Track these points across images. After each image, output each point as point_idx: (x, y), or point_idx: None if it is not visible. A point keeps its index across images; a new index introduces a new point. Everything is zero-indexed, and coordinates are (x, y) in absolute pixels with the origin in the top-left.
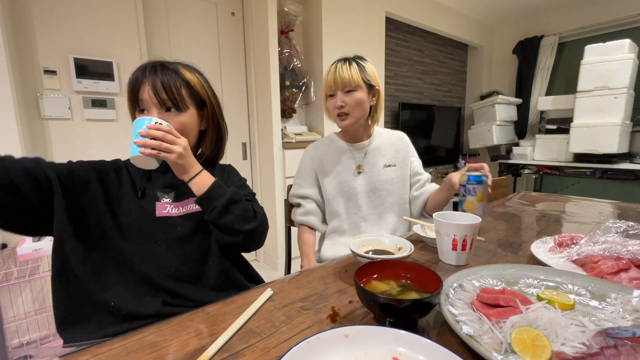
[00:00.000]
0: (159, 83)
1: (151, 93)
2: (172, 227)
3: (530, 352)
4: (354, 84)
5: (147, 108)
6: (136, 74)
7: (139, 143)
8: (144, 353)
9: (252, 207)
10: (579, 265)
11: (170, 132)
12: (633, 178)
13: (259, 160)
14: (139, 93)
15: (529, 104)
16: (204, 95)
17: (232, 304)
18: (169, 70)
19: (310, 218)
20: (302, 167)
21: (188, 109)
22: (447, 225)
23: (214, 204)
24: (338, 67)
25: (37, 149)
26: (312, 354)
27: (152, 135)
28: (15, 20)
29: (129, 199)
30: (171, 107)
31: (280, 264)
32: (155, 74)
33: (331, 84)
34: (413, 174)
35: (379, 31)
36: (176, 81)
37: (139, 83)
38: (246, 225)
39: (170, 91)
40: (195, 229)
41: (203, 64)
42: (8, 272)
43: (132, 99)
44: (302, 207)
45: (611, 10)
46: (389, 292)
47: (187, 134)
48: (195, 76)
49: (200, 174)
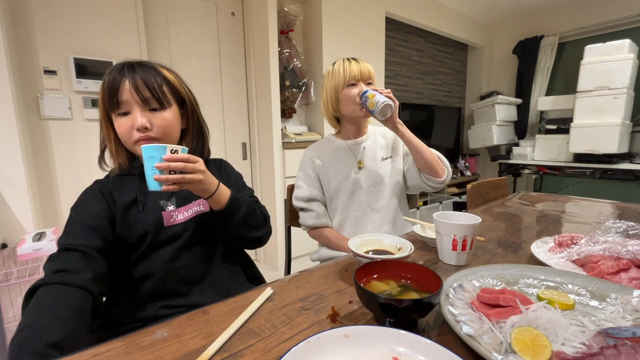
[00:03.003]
0: (140, 80)
1: (133, 92)
2: (181, 233)
3: (530, 352)
4: (373, 80)
5: (129, 109)
6: (112, 75)
7: (160, 179)
8: (144, 353)
9: (262, 213)
10: (579, 265)
11: (189, 159)
12: (633, 178)
13: (259, 160)
14: (118, 94)
15: (529, 104)
16: (183, 93)
17: (232, 304)
18: (147, 68)
19: (324, 220)
20: (303, 169)
21: (171, 106)
22: (447, 225)
23: (232, 218)
24: (359, 62)
25: (37, 149)
26: (312, 354)
27: (171, 168)
28: (15, 20)
29: (134, 216)
30: (156, 107)
31: (280, 264)
32: (134, 72)
33: (356, 74)
34: (405, 154)
35: (379, 31)
36: (156, 78)
37: (118, 83)
38: (259, 232)
39: (152, 88)
40: (202, 231)
41: (203, 64)
42: (8, 272)
43: (109, 101)
44: (312, 212)
45: (611, 10)
46: (389, 292)
47: (171, 132)
48: (172, 75)
49: (218, 190)
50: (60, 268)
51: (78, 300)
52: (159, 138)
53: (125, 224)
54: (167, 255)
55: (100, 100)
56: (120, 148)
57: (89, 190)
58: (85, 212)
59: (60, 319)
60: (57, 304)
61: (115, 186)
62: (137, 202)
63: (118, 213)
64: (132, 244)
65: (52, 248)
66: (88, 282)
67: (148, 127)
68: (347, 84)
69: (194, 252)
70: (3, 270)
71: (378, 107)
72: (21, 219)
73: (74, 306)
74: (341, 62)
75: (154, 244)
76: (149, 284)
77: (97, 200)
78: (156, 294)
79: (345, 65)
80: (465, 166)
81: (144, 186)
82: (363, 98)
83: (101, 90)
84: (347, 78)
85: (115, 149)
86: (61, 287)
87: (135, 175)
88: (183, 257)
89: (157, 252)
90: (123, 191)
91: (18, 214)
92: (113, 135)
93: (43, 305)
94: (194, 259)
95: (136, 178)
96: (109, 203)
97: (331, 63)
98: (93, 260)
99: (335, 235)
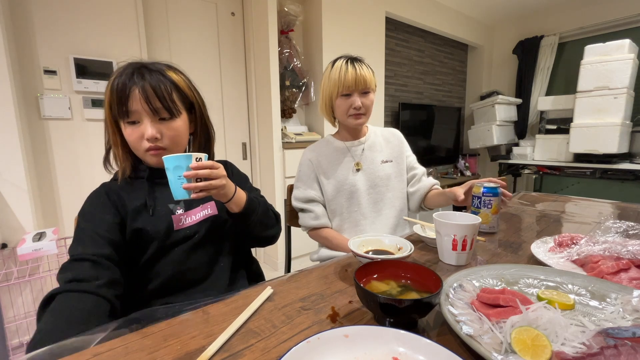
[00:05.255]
0: (150, 89)
1: (143, 102)
2: (190, 236)
3: (530, 352)
4: (370, 87)
5: (139, 119)
6: (121, 80)
7: (190, 188)
8: (143, 353)
9: (273, 212)
10: (579, 265)
11: (213, 166)
12: (633, 178)
13: (259, 160)
14: (127, 103)
15: (529, 104)
16: (192, 97)
17: (232, 304)
18: (155, 73)
19: (323, 221)
20: (302, 170)
21: (181, 114)
22: (447, 225)
23: (251, 219)
24: (357, 68)
25: (37, 149)
26: (312, 354)
27: (198, 176)
28: (15, 20)
29: (144, 220)
30: (165, 116)
31: (280, 264)
32: (144, 79)
33: (350, 84)
34: (409, 168)
35: (379, 31)
36: (166, 85)
37: (127, 91)
38: (272, 231)
39: (163, 98)
40: (211, 233)
41: (203, 64)
42: (8, 272)
43: (119, 109)
44: (312, 212)
45: (611, 10)
46: (389, 292)
47: (180, 141)
48: (180, 77)
49: (237, 193)
50: (72, 278)
51: (90, 304)
52: (169, 148)
53: (136, 227)
54: (176, 258)
55: (106, 104)
56: (127, 153)
57: (96, 195)
58: (93, 219)
59: (73, 322)
60: (69, 309)
61: (124, 190)
62: (147, 206)
63: (128, 217)
64: (142, 247)
65: (52, 248)
66: (100, 288)
67: (158, 137)
68: (341, 93)
69: (201, 254)
70: (3, 270)
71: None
72: (21, 219)
73: (86, 310)
74: (341, 63)
75: (164, 246)
76: (156, 284)
77: (105, 206)
78: (160, 293)
79: (342, 71)
80: (465, 166)
81: (153, 190)
82: (480, 201)
83: (108, 93)
84: (340, 88)
85: (122, 154)
86: (73, 294)
87: (144, 179)
88: (191, 259)
89: (166, 255)
90: (132, 195)
91: (18, 214)
92: (120, 140)
93: (56, 311)
94: (202, 260)
95: (144, 182)
96: (117, 208)
97: (332, 60)
98: (103, 268)
99: (334, 236)
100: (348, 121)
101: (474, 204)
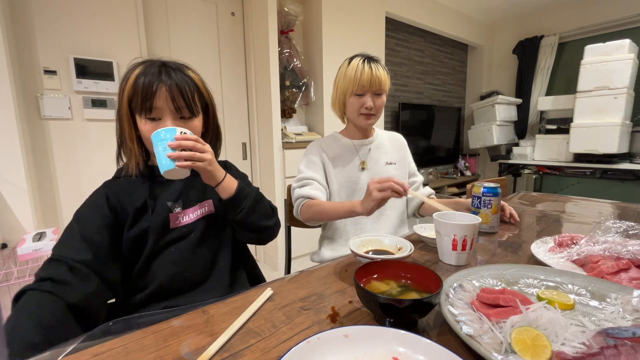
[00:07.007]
0: (176, 88)
1: (169, 100)
2: (187, 234)
3: (530, 352)
4: (384, 88)
5: (160, 115)
6: (148, 78)
7: (173, 156)
8: (144, 353)
9: (269, 204)
10: (579, 265)
11: (198, 140)
12: (633, 178)
13: (259, 160)
14: (153, 99)
15: (529, 104)
16: (207, 99)
17: (232, 304)
18: (178, 72)
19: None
20: (309, 157)
21: (199, 114)
22: (447, 225)
23: (242, 205)
24: (373, 68)
25: (37, 149)
26: (312, 354)
27: (183, 146)
28: (15, 20)
29: (144, 219)
30: (186, 115)
31: (280, 263)
32: (170, 78)
33: (365, 84)
34: (410, 174)
35: (379, 31)
36: (190, 85)
37: (154, 87)
38: (269, 221)
39: (187, 97)
40: (208, 232)
41: (203, 64)
42: (8, 272)
43: (142, 104)
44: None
45: (611, 10)
46: (389, 292)
47: None
48: (198, 77)
49: (226, 178)
50: (47, 276)
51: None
52: None
53: (135, 227)
54: (173, 257)
55: (125, 98)
56: (141, 148)
57: (96, 197)
58: (85, 220)
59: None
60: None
61: (125, 190)
62: (147, 205)
63: (128, 218)
64: (139, 246)
65: (51, 248)
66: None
67: None
68: (355, 92)
69: (200, 254)
70: (3, 270)
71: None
72: (21, 219)
73: (55, 314)
74: (357, 62)
75: (159, 245)
76: (155, 284)
77: (101, 208)
78: (160, 295)
79: (358, 69)
80: (465, 166)
81: (153, 189)
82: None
83: (130, 89)
84: (355, 87)
85: (136, 148)
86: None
87: (145, 178)
88: (189, 259)
89: (163, 254)
90: (133, 196)
91: (18, 214)
92: (135, 134)
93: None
94: (200, 260)
95: (146, 181)
96: (114, 211)
97: (349, 57)
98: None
99: (330, 204)
100: (358, 120)
101: (474, 204)
